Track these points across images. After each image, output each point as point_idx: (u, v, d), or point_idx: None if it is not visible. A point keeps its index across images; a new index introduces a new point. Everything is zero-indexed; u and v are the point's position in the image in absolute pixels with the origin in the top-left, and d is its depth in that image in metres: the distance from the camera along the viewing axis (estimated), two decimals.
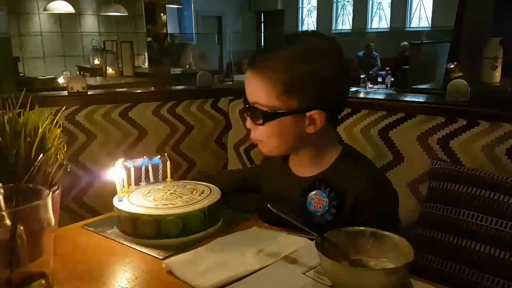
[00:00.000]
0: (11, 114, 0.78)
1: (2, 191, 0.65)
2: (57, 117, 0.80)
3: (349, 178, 0.99)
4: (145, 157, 1.00)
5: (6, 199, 0.65)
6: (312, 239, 0.83)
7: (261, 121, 0.99)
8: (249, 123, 1.02)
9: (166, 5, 4.65)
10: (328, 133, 1.04)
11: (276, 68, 0.96)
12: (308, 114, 0.97)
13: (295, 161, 1.09)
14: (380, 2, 9.82)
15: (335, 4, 10.41)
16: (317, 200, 0.98)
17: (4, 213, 0.59)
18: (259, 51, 1.05)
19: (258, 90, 0.99)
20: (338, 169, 1.02)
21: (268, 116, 0.97)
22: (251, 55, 1.02)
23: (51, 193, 0.58)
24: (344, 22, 10.42)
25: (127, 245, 0.86)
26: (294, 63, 0.95)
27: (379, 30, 9.77)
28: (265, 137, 1.02)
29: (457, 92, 1.30)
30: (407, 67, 6.55)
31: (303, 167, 1.06)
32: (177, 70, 5.71)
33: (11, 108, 0.78)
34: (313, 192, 0.98)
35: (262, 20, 11.29)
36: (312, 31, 1.01)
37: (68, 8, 6.50)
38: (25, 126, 0.75)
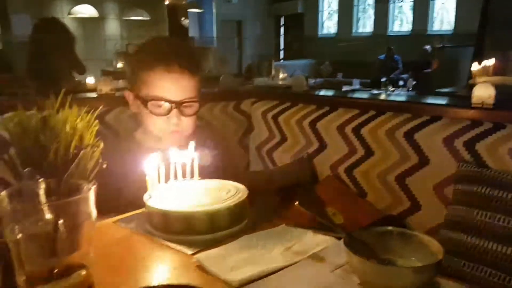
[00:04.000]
0: (50, 114, 0.81)
1: (43, 186, 0.68)
2: (95, 115, 0.83)
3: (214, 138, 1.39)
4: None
5: (47, 194, 0.67)
6: (339, 238, 0.84)
7: (196, 111, 1.28)
8: (177, 117, 1.24)
9: (188, 10, 4.71)
10: None
11: (197, 66, 1.30)
12: None
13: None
14: (402, 6, 9.74)
15: (355, 7, 10.37)
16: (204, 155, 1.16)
17: (47, 206, 0.62)
18: (185, 56, 1.28)
19: (190, 86, 1.26)
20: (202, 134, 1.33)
21: (199, 105, 1.29)
22: (175, 57, 1.24)
23: (92, 187, 0.61)
24: (365, 25, 10.37)
25: (158, 240, 0.88)
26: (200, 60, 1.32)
27: (400, 33, 9.68)
28: (192, 124, 1.29)
29: (482, 95, 1.29)
30: (429, 70, 6.49)
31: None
32: None
33: (51, 107, 0.82)
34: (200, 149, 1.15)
35: (282, 24, 11.31)
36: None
37: (92, 12, 6.63)
38: (64, 125, 0.78)
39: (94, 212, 0.62)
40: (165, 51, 1.28)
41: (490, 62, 2.81)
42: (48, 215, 0.61)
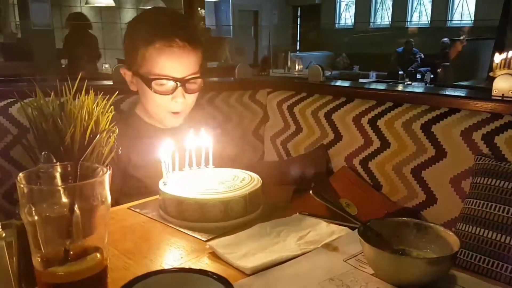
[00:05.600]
0: (67, 99, 0.82)
1: (60, 169, 0.69)
2: (110, 102, 0.83)
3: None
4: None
5: (63, 177, 0.68)
6: (353, 228, 0.84)
7: (200, 86, 1.23)
8: (182, 95, 1.19)
9: None
10: None
11: (198, 39, 1.22)
12: None
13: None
14: None
15: None
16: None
17: (64, 189, 0.62)
18: (185, 28, 1.21)
19: (194, 61, 1.20)
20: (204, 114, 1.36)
21: (201, 80, 1.23)
22: (174, 30, 1.17)
23: (108, 171, 0.61)
24: (383, 16, 10.22)
25: (171, 227, 0.89)
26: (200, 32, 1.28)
27: (418, 25, 9.52)
28: (193, 101, 1.25)
29: (503, 87, 1.26)
30: (448, 64, 6.39)
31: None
32: (213, 64, 5.75)
33: (67, 93, 0.83)
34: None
35: (299, 14, 11.22)
36: None
37: (109, 2, 6.67)
38: (80, 110, 0.79)
39: (109, 196, 0.62)
40: (163, 24, 1.20)
41: (511, 54, 2.75)
42: (64, 198, 0.61)
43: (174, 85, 1.18)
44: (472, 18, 8.72)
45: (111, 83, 1.58)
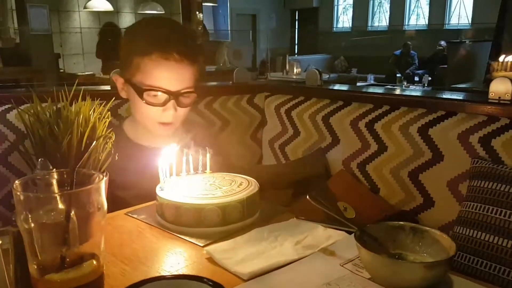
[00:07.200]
0: (64, 105, 0.82)
1: (56, 176, 0.69)
2: (107, 107, 0.83)
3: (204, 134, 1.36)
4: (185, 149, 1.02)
5: (60, 184, 0.68)
6: (349, 233, 0.84)
7: (193, 101, 1.21)
8: (174, 108, 1.17)
9: (203, 3, 4.70)
10: None
11: (197, 52, 1.20)
12: None
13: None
14: (418, 0, 9.61)
15: (371, 1, 10.25)
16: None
17: (60, 196, 0.62)
18: (184, 42, 1.18)
19: (190, 75, 1.18)
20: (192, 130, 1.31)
21: (195, 94, 1.21)
22: (172, 43, 1.15)
23: (104, 177, 0.61)
24: (380, 19, 10.25)
25: (169, 232, 0.89)
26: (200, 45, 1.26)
27: (416, 28, 9.55)
28: (184, 114, 1.22)
29: (499, 90, 1.27)
30: (445, 66, 6.41)
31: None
32: (211, 68, 5.77)
33: (64, 99, 0.83)
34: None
35: (297, 18, 11.25)
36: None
37: (107, 6, 6.69)
38: (77, 116, 0.79)
39: (105, 202, 0.62)
40: (161, 36, 1.17)
41: (508, 57, 2.76)
42: (61, 205, 0.61)
43: (167, 97, 1.16)
44: (470, 21, 8.75)
45: (109, 88, 1.58)
